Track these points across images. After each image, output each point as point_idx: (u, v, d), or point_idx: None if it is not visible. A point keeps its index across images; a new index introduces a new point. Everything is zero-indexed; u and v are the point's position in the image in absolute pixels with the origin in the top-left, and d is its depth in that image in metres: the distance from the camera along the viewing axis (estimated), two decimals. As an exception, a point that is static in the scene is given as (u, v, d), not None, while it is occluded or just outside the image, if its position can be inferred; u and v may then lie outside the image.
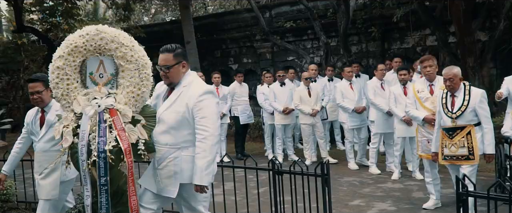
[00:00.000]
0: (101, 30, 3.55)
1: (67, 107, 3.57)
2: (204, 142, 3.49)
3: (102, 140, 3.34)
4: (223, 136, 9.58)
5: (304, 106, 8.62)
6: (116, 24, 18.63)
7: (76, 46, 3.51)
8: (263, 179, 6.03)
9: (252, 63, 15.10)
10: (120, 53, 3.57)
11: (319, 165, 4.26)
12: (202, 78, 9.98)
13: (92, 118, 3.43)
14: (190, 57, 13.65)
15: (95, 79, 3.63)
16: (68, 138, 3.41)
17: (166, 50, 3.69)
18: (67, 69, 3.54)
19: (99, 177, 3.33)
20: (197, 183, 3.48)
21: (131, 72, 3.60)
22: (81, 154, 3.36)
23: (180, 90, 3.65)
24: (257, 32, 14.51)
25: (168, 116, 3.59)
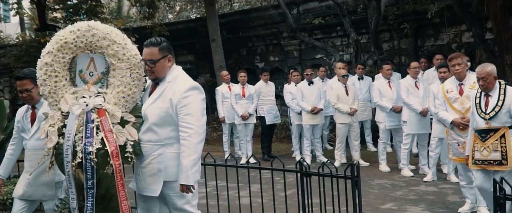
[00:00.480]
0: (93, 26, 3.50)
1: (54, 105, 3.52)
2: (189, 140, 3.47)
3: (88, 141, 3.29)
4: (249, 136, 9.64)
5: (342, 104, 8.56)
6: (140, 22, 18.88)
7: (66, 42, 3.47)
8: (290, 181, 6.01)
9: (279, 61, 15.08)
10: (112, 51, 3.52)
11: (349, 166, 4.23)
12: (227, 77, 10.14)
13: (79, 117, 3.37)
14: (215, 56, 13.76)
15: (85, 77, 3.57)
16: (53, 138, 3.37)
17: (151, 43, 3.64)
18: (56, 65, 3.48)
19: (85, 180, 3.27)
20: (183, 182, 3.47)
21: (122, 71, 3.55)
22: (66, 155, 3.30)
23: (165, 85, 3.62)
24: (284, 29, 14.49)
25: (151, 112, 3.56)
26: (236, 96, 9.56)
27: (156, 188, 3.55)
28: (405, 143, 7.88)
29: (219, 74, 13.00)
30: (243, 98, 9.57)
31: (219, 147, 11.39)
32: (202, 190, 5.65)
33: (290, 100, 9.51)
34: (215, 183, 5.29)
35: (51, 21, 16.58)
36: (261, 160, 9.23)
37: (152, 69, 3.60)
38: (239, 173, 5.00)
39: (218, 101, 10.07)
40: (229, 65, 14.53)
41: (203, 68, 15.76)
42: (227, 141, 10.25)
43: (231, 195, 5.33)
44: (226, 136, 10.24)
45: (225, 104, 9.93)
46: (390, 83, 8.25)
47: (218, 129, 12.72)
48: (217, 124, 13.11)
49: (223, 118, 10.03)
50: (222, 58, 14.05)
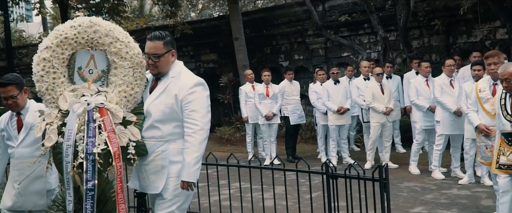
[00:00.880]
0: (95, 22, 3.46)
1: (51, 102, 3.45)
2: (193, 136, 3.48)
3: (91, 141, 3.24)
4: (273, 137, 9.63)
5: (377, 103, 8.47)
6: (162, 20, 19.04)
7: (66, 38, 3.40)
8: (316, 183, 5.98)
9: (303, 60, 15.03)
10: (114, 48, 3.49)
11: (377, 168, 4.18)
12: (251, 76, 10.14)
13: (80, 116, 3.32)
14: (238, 54, 13.78)
15: (84, 75, 3.51)
16: (52, 136, 3.29)
17: (155, 37, 3.61)
18: (55, 61, 3.41)
19: (86, 181, 3.22)
20: (185, 179, 3.47)
21: (124, 70, 3.52)
22: (66, 155, 3.24)
23: (168, 81, 3.61)
24: (309, 27, 14.43)
25: (155, 109, 3.54)
26: (259, 95, 9.56)
27: (159, 186, 3.55)
28: (438, 145, 7.74)
29: (242, 73, 13.01)
30: (267, 98, 9.56)
31: (242, 148, 11.42)
32: (226, 191, 5.66)
33: (316, 100, 9.48)
34: (238, 184, 5.29)
35: (73, 20, 16.81)
36: (286, 161, 9.21)
37: (155, 64, 3.58)
38: (263, 175, 5.00)
39: (242, 101, 10.08)
40: (252, 64, 14.54)
41: (226, 67, 15.80)
42: (251, 141, 10.25)
43: (255, 197, 5.33)
44: (250, 137, 10.24)
45: (248, 104, 9.93)
46: (428, 81, 8.14)
47: (242, 130, 12.75)
48: (240, 124, 13.13)
49: (246, 118, 10.03)
50: (246, 57, 14.07)
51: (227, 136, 13.30)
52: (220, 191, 5.35)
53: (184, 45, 16.95)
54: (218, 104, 15.80)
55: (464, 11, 10.86)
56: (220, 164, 5.23)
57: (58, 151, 3.28)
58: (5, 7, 13.75)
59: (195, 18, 24.46)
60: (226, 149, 11.94)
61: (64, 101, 3.37)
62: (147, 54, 3.59)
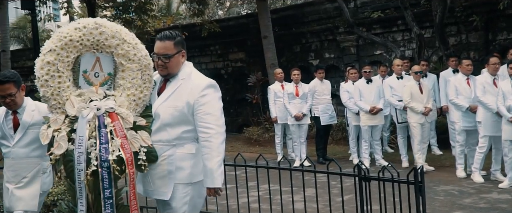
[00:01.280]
0: (100, 24, 3.40)
1: (57, 108, 3.36)
2: (211, 141, 3.44)
3: (104, 147, 3.20)
4: (303, 138, 9.61)
5: (416, 103, 8.34)
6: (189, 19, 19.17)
7: (71, 40, 3.33)
8: (347, 186, 5.92)
9: (334, 58, 14.95)
10: (122, 50, 3.43)
11: (412, 171, 4.11)
12: (281, 75, 10.13)
13: (90, 122, 3.27)
14: (267, 53, 13.78)
15: (90, 78, 3.44)
16: (62, 144, 3.21)
17: (166, 37, 3.55)
18: (59, 65, 3.33)
19: (103, 189, 3.18)
20: (211, 186, 3.44)
21: (133, 73, 3.47)
22: (78, 163, 3.17)
23: (178, 83, 3.55)
24: (340, 24, 14.34)
25: (164, 112, 3.49)
26: (289, 95, 9.54)
27: (167, 191, 3.49)
28: (481, 147, 7.52)
29: (271, 73, 13.02)
30: (297, 98, 9.54)
31: (271, 149, 11.41)
32: (254, 193, 5.65)
33: (347, 100, 9.41)
34: (267, 186, 5.27)
35: (100, 20, 17.07)
36: (316, 163, 9.15)
37: (165, 65, 3.52)
38: (292, 177, 4.97)
39: (270, 100, 10.08)
40: (281, 63, 14.53)
41: (254, 66, 15.82)
42: (280, 142, 10.25)
43: (285, 200, 5.31)
44: (279, 138, 10.24)
45: (277, 104, 9.95)
46: (468, 80, 7.98)
47: (270, 130, 12.75)
48: (269, 125, 13.14)
49: (275, 118, 10.04)
50: (274, 56, 14.06)
51: (256, 136, 13.32)
52: (248, 193, 5.35)
53: (211, 44, 17.05)
54: (246, 104, 15.85)
55: (504, 6, 10.63)
56: (248, 165, 5.22)
57: (69, 158, 3.22)
58: (32, 7, 14.05)
59: (223, 16, 24.56)
60: (254, 150, 11.95)
61: (72, 106, 3.32)
62: (156, 55, 3.54)
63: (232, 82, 17.00)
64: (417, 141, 8.37)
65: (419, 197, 4.11)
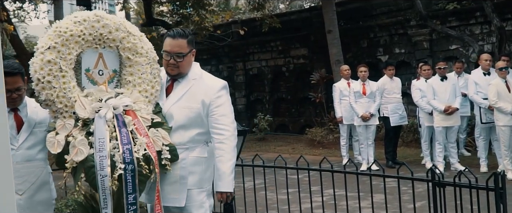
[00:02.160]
0: (102, 16, 3.28)
1: (63, 112, 3.17)
2: (226, 143, 3.48)
3: (127, 148, 3.07)
4: (370, 140, 9.56)
5: (504, 103, 8.12)
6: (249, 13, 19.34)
7: (71, 35, 3.16)
8: (419, 192, 5.82)
9: (405, 54, 14.72)
10: (128, 43, 3.34)
11: (492, 176, 4.01)
12: (347, 72, 10.08)
13: (108, 122, 3.14)
14: (331, 49, 13.73)
15: (93, 77, 3.31)
16: (82, 149, 3.05)
17: (179, 34, 3.54)
18: (62, 63, 3.13)
19: (126, 194, 3.06)
20: (224, 190, 3.47)
21: (142, 67, 3.39)
22: (101, 168, 3.01)
23: (189, 83, 3.58)
24: (412, 17, 14.10)
25: (178, 113, 3.50)
26: (355, 93, 9.50)
27: (179, 198, 3.48)
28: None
29: (336, 70, 12.97)
30: (364, 96, 9.50)
31: (336, 151, 11.38)
32: (318, 198, 5.65)
33: (419, 98, 9.27)
34: (332, 191, 5.26)
35: (157, 15, 17.53)
36: (385, 166, 9.05)
37: (177, 64, 3.52)
38: (359, 181, 4.94)
39: (335, 99, 10.08)
40: (347, 59, 14.43)
41: (318, 63, 15.80)
42: (345, 144, 10.22)
43: (351, 206, 5.28)
44: (344, 139, 10.21)
45: (343, 103, 9.94)
46: None
47: (335, 131, 12.70)
48: (334, 126, 13.08)
49: (340, 118, 10.02)
50: (340, 51, 13.97)
51: (319, 138, 13.30)
52: (312, 198, 5.35)
53: (272, 40, 17.14)
54: (309, 103, 15.85)
55: None
56: (312, 169, 5.23)
57: (91, 164, 3.04)
58: (88, 3, 14.59)
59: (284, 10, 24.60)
60: (317, 153, 11.95)
61: (82, 108, 3.15)
62: (168, 53, 3.52)
63: (294, 80, 17.03)
64: (504, 145, 8.10)
65: (500, 205, 4.02)
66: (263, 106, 17.90)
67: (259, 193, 6.01)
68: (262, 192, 5.91)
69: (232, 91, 18.41)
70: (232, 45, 17.68)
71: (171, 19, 17.12)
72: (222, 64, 18.91)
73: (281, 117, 17.44)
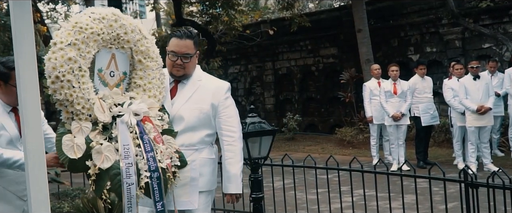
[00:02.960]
0: (119, 16, 3.15)
1: (79, 114, 2.96)
2: (235, 145, 3.53)
3: (151, 156, 3.00)
4: (401, 140, 9.50)
5: None
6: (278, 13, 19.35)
7: (92, 33, 3.00)
8: (451, 192, 5.76)
9: (437, 53, 14.55)
10: (142, 47, 3.24)
11: (527, 177, 3.94)
12: (378, 71, 10.03)
13: (131, 128, 3.04)
14: (361, 48, 13.67)
15: (105, 78, 3.15)
16: (109, 156, 2.92)
17: (187, 35, 3.53)
18: (82, 62, 2.95)
19: (154, 202, 2.99)
20: (234, 191, 3.52)
21: (152, 72, 3.30)
22: (128, 176, 2.89)
23: (196, 84, 3.59)
24: (444, 15, 13.93)
25: (189, 114, 3.49)
26: (386, 93, 9.45)
27: (191, 200, 3.45)
28: None
29: (366, 69, 12.91)
30: (395, 96, 9.44)
31: (366, 152, 11.32)
32: (348, 199, 5.63)
33: (451, 98, 9.16)
34: (362, 191, 5.23)
35: (187, 15, 17.67)
36: (416, 167, 8.94)
37: (184, 65, 3.51)
38: (390, 182, 4.90)
39: (366, 99, 10.04)
40: (377, 58, 14.33)
41: (347, 62, 15.73)
42: (376, 144, 10.17)
43: (381, 206, 5.25)
44: (375, 139, 10.16)
45: (373, 102, 9.90)
46: None
47: (365, 131, 12.62)
48: (364, 125, 13.01)
49: (371, 118, 9.98)
50: (370, 51, 13.89)
51: (349, 138, 13.25)
52: (341, 198, 5.33)
53: (301, 39, 17.12)
54: (338, 103, 15.78)
55: None
56: (341, 169, 5.22)
57: (116, 171, 2.90)
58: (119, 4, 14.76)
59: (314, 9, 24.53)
60: (347, 153, 11.90)
61: (101, 111, 3.00)
62: (175, 53, 3.51)
63: (323, 80, 16.98)
64: None
65: (535, 207, 3.94)
66: (292, 105, 17.88)
67: (289, 193, 6.01)
68: (291, 192, 5.92)
69: (261, 91, 18.50)
70: (261, 44, 17.71)
71: (200, 19, 17.24)
72: (251, 63, 18.95)
73: (311, 116, 17.40)
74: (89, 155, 2.90)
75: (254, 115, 4.56)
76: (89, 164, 2.88)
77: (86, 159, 2.89)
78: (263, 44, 17.76)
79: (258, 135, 4.33)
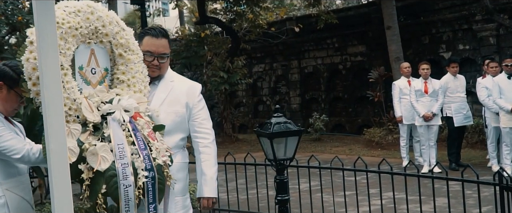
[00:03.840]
0: (95, 7, 2.98)
1: (66, 116, 2.75)
2: (210, 147, 3.51)
3: (146, 154, 2.86)
4: (432, 141, 9.45)
5: None
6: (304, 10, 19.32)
7: (70, 27, 2.82)
8: (485, 196, 5.70)
9: (470, 50, 14.43)
10: (121, 39, 3.09)
11: None
12: (408, 69, 9.99)
13: (123, 126, 2.90)
14: (391, 45, 13.60)
15: (87, 76, 2.98)
16: (106, 156, 2.76)
17: (162, 34, 3.49)
18: (62, 60, 2.76)
19: (147, 204, 2.85)
20: (210, 195, 3.45)
21: (135, 66, 3.16)
22: (124, 177, 2.75)
23: (169, 86, 3.52)
24: (477, 11, 13.78)
25: (165, 117, 3.36)
26: (417, 92, 9.40)
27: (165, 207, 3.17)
28: None
29: (395, 67, 12.85)
30: (426, 95, 9.39)
31: (395, 153, 11.27)
32: (377, 202, 5.60)
33: (485, 97, 9.08)
34: (391, 194, 5.21)
35: (211, 13, 17.76)
36: (448, 169, 8.86)
37: (160, 65, 3.43)
38: (421, 184, 4.87)
39: (395, 98, 10.00)
40: (407, 56, 14.27)
41: (376, 60, 15.66)
42: (406, 145, 10.12)
43: (411, 210, 5.22)
44: (404, 140, 10.11)
45: (403, 102, 9.86)
46: None
47: (395, 132, 12.56)
48: (393, 126, 12.94)
49: (400, 118, 9.93)
50: (399, 48, 13.81)
51: (378, 139, 13.20)
52: (370, 201, 5.31)
53: (328, 37, 17.09)
54: (367, 102, 15.73)
55: None
56: (370, 171, 5.19)
57: (112, 173, 2.75)
58: (141, 2, 14.91)
59: (341, 5, 24.44)
60: (376, 154, 11.86)
61: (89, 110, 2.84)
62: (152, 53, 3.42)
63: (351, 78, 16.94)
64: None
65: None
66: (318, 105, 17.85)
67: (315, 195, 6.01)
68: (318, 194, 5.91)
69: (286, 90, 18.52)
70: (287, 42, 17.71)
71: (224, 16, 17.31)
72: (276, 62, 18.97)
73: (338, 116, 17.36)
74: (81, 159, 2.74)
75: (279, 115, 4.55)
76: (82, 168, 2.71)
77: (78, 163, 2.72)
78: (289, 42, 17.76)
79: (283, 135, 4.32)
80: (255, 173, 6.24)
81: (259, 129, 4.23)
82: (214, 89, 15.63)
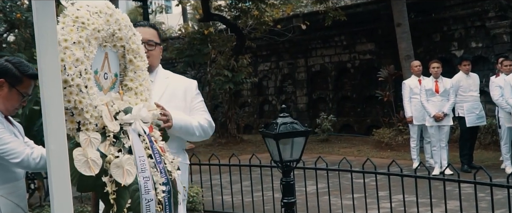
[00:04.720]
0: (113, 9, 2.86)
1: (87, 124, 2.64)
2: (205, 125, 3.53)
3: (163, 167, 2.81)
4: (444, 142, 9.44)
5: None
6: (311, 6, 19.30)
7: (94, 29, 2.69)
8: (499, 199, 5.69)
9: (483, 48, 14.38)
10: (133, 44, 2.99)
11: None
12: (418, 68, 9.97)
13: (141, 138, 2.82)
14: (401, 43, 13.58)
15: (100, 81, 2.85)
16: (131, 170, 2.67)
17: (149, 25, 3.60)
18: (87, 63, 2.64)
19: None
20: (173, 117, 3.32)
21: (142, 73, 3.06)
22: (146, 191, 2.68)
23: (164, 81, 3.57)
24: (491, 8, 13.77)
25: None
26: (427, 91, 9.38)
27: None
28: None
29: (405, 66, 12.83)
30: (437, 95, 9.38)
31: (405, 154, 11.26)
32: (386, 204, 5.60)
33: (499, 97, 9.08)
34: (401, 197, 5.20)
35: (215, 10, 17.75)
36: (460, 171, 8.86)
37: (149, 53, 3.33)
38: (431, 186, 4.87)
39: (405, 97, 10.00)
40: (418, 54, 14.23)
41: (385, 59, 15.64)
42: (416, 146, 10.12)
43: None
44: (415, 141, 10.11)
45: (413, 101, 9.85)
46: None
47: (405, 132, 12.53)
48: (403, 126, 12.92)
49: (410, 118, 9.94)
50: (410, 46, 13.78)
51: (387, 139, 13.17)
52: (379, 204, 5.31)
53: (336, 34, 17.07)
54: (375, 102, 15.71)
55: None
56: (379, 173, 5.20)
57: (136, 187, 2.67)
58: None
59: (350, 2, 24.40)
60: (385, 155, 11.85)
61: (110, 119, 2.73)
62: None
63: (360, 77, 16.91)
64: None
65: None
66: (326, 105, 17.84)
67: (322, 198, 6.01)
68: (325, 196, 5.90)
69: (293, 89, 18.51)
70: (293, 40, 17.69)
71: (229, 13, 17.29)
72: (282, 60, 18.96)
73: (346, 117, 17.33)
74: (103, 171, 2.64)
75: (285, 115, 4.55)
76: (105, 180, 2.59)
77: (100, 176, 2.61)
78: (295, 40, 17.75)
79: (290, 136, 4.32)
80: (260, 175, 6.25)
81: (264, 129, 4.24)
82: (218, 88, 15.64)
